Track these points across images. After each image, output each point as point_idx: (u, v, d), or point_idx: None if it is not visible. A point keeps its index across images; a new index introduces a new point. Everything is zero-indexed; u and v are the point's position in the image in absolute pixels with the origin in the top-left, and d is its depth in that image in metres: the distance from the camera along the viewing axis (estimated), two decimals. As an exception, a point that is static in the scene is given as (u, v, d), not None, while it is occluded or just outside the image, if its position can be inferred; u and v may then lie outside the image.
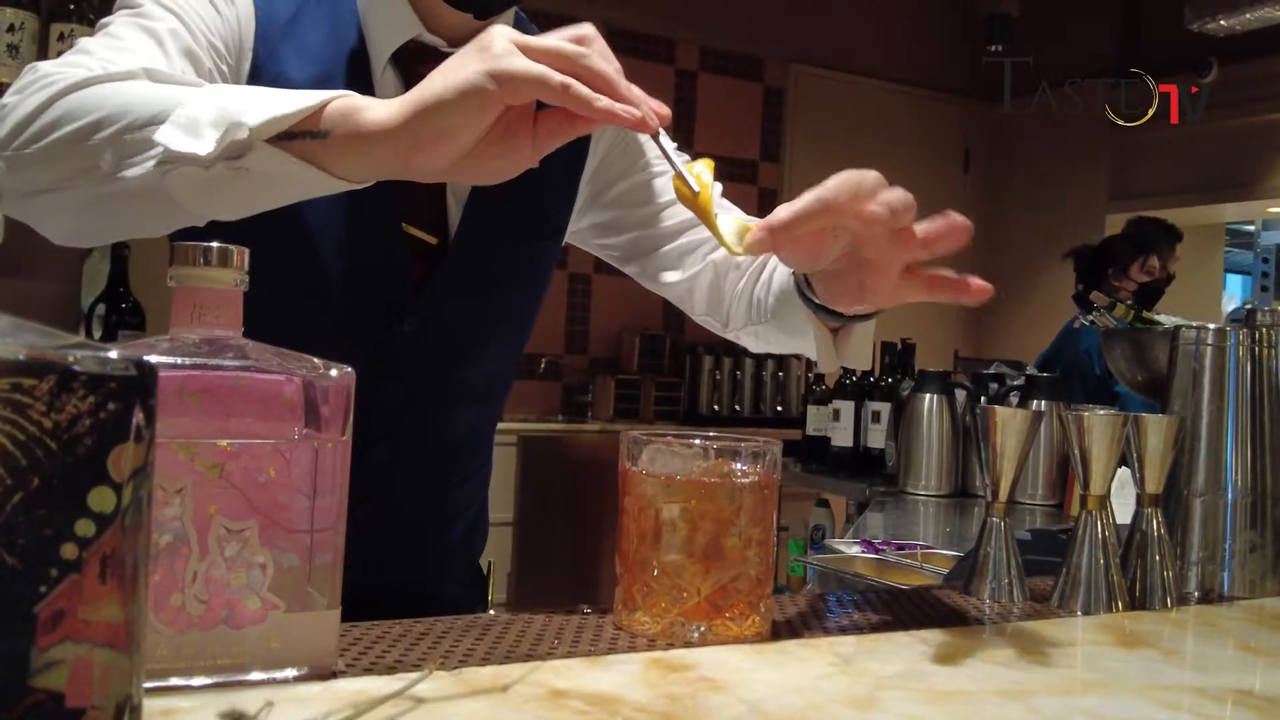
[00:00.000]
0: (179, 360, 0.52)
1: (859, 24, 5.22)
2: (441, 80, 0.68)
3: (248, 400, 0.53)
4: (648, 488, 0.68)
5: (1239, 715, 0.62)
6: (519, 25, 1.05)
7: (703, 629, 0.67)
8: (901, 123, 5.35)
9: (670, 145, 0.74)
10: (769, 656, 0.65)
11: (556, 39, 0.69)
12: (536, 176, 0.79)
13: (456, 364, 1.01)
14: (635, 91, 0.70)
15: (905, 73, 5.37)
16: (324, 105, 0.69)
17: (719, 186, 0.76)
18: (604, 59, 0.70)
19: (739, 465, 0.70)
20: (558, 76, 0.67)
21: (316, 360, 0.55)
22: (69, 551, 0.35)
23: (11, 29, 2.08)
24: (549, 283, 1.10)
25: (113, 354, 0.36)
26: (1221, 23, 3.71)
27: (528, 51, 0.67)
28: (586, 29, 0.71)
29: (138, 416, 0.36)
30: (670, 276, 1.08)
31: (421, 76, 0.94)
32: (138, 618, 0.37)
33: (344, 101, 0.70)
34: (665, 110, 0.72)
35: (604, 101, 0.68)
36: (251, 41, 0.90)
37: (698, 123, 4.86)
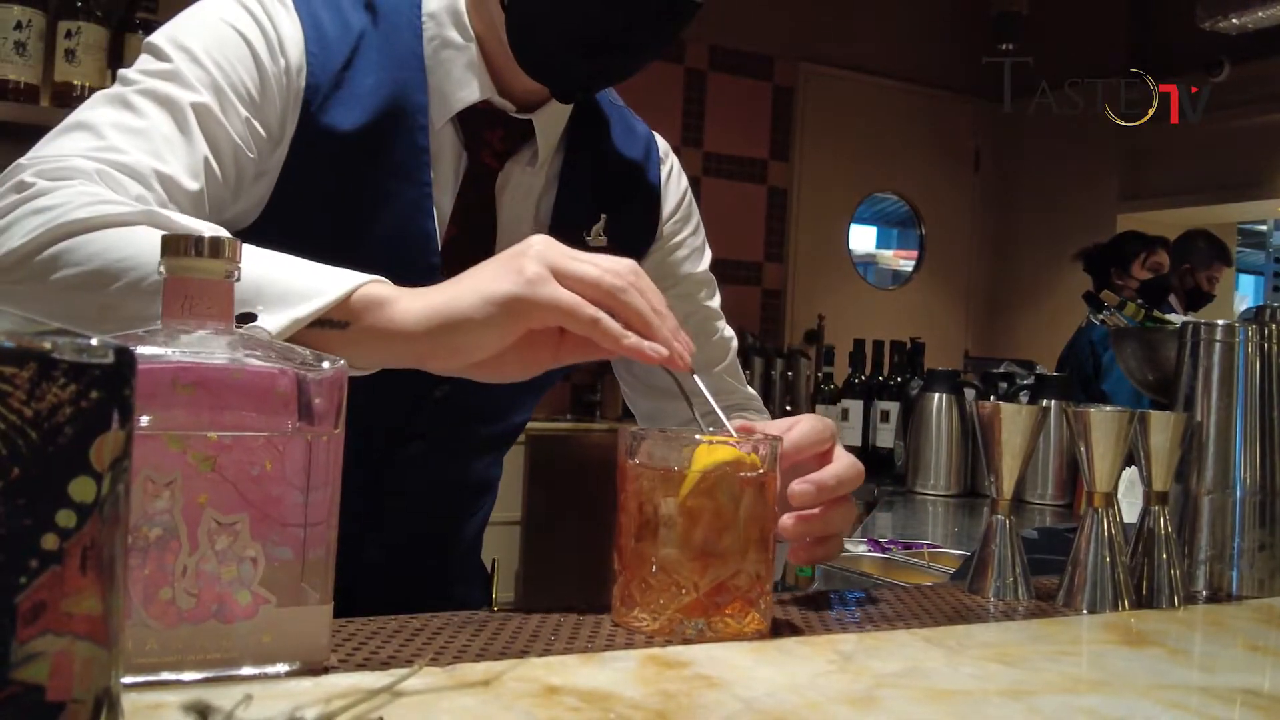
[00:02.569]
0: (170, 352, 0.51)
1: (869, 23, 5.20)
2: (470, 295, 0.67)
3: (240, 392, 0.53)
4: (645, 482, 0.68)
5: (1247, 716, 0.61)
6: (610, 110, 1.01)
7: (701, 626, 0.66)
8: (911, 122, 5.33)
9: (706, 390, 0.73)
10: (767, 654, 0.64)
11: (597, 268, 0.68)
12: None
13: (481, 422, 1.02)
14: (668, 327, 0.70)
15: (915, 72, 5.35)
16: (350, 294, 0.67)
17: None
18: (641, 295, 0.69)
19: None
20: (588, 310, 0.66)
21: (308, 352, 0.54)
22: (50, 542, 0.34)
23: (19, 26, 2.08)
24: None
25: (93, 341, 0.35)
26: (1234, 21, 3.69)
27: (563, 279, 0.66)
28: (629, 263, 0.70)
29: (118, 405, 0.36)
30: (651, 391, 1.07)
31: (485, 140, 0.91)
32: (116, 610, 0.37)
33: (370, 291, 0.67)
34: (693, 348, 0.71)
35: (631, 339, 0.68)
36: (301, 94, 0.84)
37: (707, 121, 4.85)
